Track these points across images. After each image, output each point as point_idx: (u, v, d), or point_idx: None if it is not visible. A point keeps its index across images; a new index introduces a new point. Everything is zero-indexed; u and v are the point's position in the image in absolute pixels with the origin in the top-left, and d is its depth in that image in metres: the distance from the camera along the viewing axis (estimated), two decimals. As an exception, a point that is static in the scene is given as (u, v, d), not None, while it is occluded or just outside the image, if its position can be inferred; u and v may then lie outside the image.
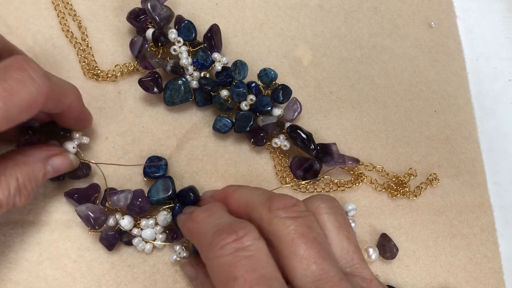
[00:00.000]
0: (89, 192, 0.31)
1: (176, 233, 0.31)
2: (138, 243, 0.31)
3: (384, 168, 0.35)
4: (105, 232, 0.31)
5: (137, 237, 0.31)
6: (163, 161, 0.32)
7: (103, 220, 0.30)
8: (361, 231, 0.34)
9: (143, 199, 0.31)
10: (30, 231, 0.31)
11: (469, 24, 0.41)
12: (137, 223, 0.31)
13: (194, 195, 0.31)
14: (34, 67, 0.24)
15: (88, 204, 0.30)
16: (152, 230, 0.31)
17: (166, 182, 0.32)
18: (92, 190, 0.31)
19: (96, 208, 0.30)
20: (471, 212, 0.36)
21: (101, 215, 0.30)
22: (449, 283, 0.34)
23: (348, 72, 0.38)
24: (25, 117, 0.24)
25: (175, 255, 0.31)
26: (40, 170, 0.28)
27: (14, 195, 0.26)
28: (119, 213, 0.31)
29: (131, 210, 0.31)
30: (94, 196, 0.31)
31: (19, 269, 0.30)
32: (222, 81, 0.34)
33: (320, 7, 0.39)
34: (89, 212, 0.30)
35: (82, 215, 0.30)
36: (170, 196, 0.31)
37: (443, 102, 0.38)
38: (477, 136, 0.38)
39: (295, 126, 0.34)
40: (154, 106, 0.35)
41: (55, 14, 0.35)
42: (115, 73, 0.35)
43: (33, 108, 0.24)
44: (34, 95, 0.24)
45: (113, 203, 0.30)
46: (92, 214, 0.30)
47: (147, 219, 0.31)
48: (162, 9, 0.33)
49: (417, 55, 0.39)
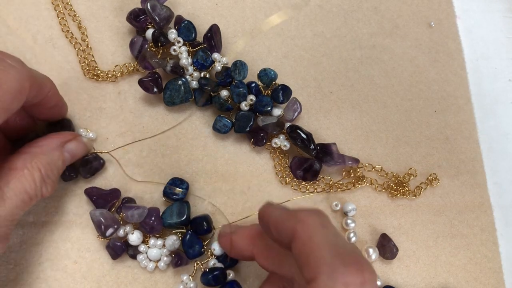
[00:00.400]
0: (109, 198, 0.31)
1: (181, 259, 0.31)
2: (142, 260, 0.31)
3: (384, 168, 0.35)
4: (113, 241, 0.31)
5: (142, 254, 0.31)
6: (185, 184, 0.32)
7: (113, 230, 0.30)
8: (361, 231, 0.34)
9: (157, 220, 0.31)
10: (30, 232, 0.31)
11: (469, 24, 0.41)
12: (146, 239, 0.31)
13: (207, 225, 0.31)
14: (10, 56, 0.24)
15: (103, 210, 0.30)
16: (158, 250, 0.31)
17: (183, 207, 0.31)
18: (112, 196, 0.31)
19: (109, 216, 0.30)
20: (471, 212, 0.36)
21: (113, 223, 0.30)
22: (449, 283, 0.34)
23: (348, 72, 0.38)
24: (16, 106, 0.24)
25: (182, 286, 0.31)
26: (58, 157, 0.28)
27: (41, 186, 0.26)
28: (130, 226, 0.31)
29: (142, 227, 0.31)
30: (113, 202, 0.31)
31: (19, 270, 0.30)
32: (222, 81, 0.34)
33: (320, 7, 0.39)
34: (102, 218, 0.30)
35: (95, 220, 0.30)
36: (183, 222, 0.31)
37: (443, 102, 0.38)
38: (477, 136, 0.38)
39: (295, 126, 0.34)
40: (154, 106, 0.35)
41: (55, 14, 0.35)
42: (115, 73, 0.35)
43: (23, 94, 0.24)
44: (20, 81, 0.24)
45: (127, 217, 0.30)
46: (104, 221, 0.30)
47: (156, 238, 0.31)
48: (162, 9, 0.33)
49: (417, 55, 0.39)
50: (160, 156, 0.34)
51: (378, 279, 0.32)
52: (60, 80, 0.34)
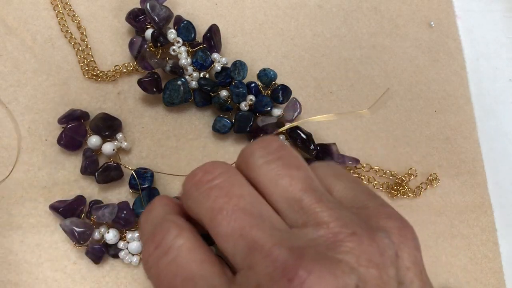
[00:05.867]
0: (74, 206, 0.31)
1: None
2: (124, 256, 0.31)
3: (384, 168, 0.35)
4: (91, 246, 0.30)
5: (123, 250, 0.31)
6: (149, 172, 0.32)
7: (88, 235, 0.30)
8: (361, 231, 0.34)
9: (128, 212, 0.31)
10: (30, 233, 0.31)
11: (469, 24, 0.41)
12: (123, 235, 0.31)
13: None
14: None
15: (72, 219, 0.30)
16: (138, 242, 0.31)
17: (152, 193, 0.31)
18: (78, 203, 0.31)
19: (80, 222, 0.30)
20: (471, 212, 0.36)
21: (86, 229, 0.30)
22: (449, 283, 0.34)
23: (348, 72, 0.38)
24: None
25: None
26: None
27: None
28: (104, 226, 0.31)
29: (116, 223, 0.31)
30: (80, 209, 0.31)
31: (19, 271, 0.30)
32: (222, 81, 0.34)
33: (319, 7, 0.39)
34: (74, 226, 0.30)
35: (67, 230, 0.30)
36: None
37: (443, 102, 0.38)
38: (477, 136, 0.38)
39: (294, 126, 0.34)
40: (153, 107, 0.35)
41: (54, 14, 0.35)
42: (115, 73, 0.35)
43: None
44: None
45: (98, 218, 0.30)
46: (77, 228, 0.30)
47: (133, 231, 0.31)
48: (161, 10, 0.33)
49: (417, 55, 0.39)
50: (160, 157, 0.34)
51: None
52: (60, 80, 0.34)
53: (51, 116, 0.33)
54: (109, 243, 0.30)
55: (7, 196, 0.32)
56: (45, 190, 0.32)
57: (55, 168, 0.32)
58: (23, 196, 0.32)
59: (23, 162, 0.32)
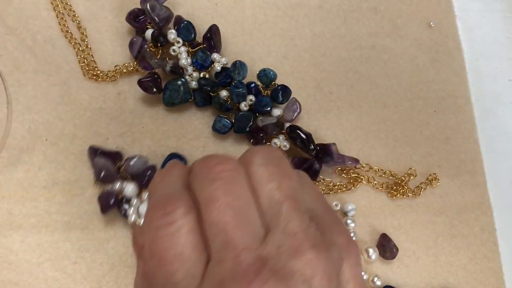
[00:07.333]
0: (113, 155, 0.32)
1: None
2: (132, 214, 0.30)
3: (383, 168, 0.35)
4: (107, 192, 0.31)
5: (133, 207, 0.31)
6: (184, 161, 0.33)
7: (112, 177, 0.31)
8: (361, 231, 0.34)
9: (153, 172, 0.31)
10: (30, 232, 0.31)
11: (469, 24, 0.41)
12: (140, 194, 0.31)
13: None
14: None
15: (107, 161, 0.31)
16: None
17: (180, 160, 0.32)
18: (116, 157, 0.32)
19: (111, 165, 0.31)
20: (471, 212, 0.36)
21: (112, 173, 0.31)
22: (449, 283, 0.34)
23: (348, 72, 0.38)
24: None
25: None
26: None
27: None
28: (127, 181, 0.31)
29: (139, 179, 0.31)
30: (115, 161, 0.32)
31: (19, 271, 0.30)
32: (222, 81, 0.34)
33: (319, 7, 0.39)
34: (103, 166, 0.31)
35: (97, 167, 0.31)
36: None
37: (443, 102, 0.38)
38: (477, 136, 0.38)
39: (294, 126, 0.34)
40: (153, 107, 0.35)
41: (54, 14, 0.35)
42: (115, 73, 0.35)
43: None
44: None
45: (128, 166, 0.31)
46: (105, 168, 0.31)
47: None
48: (162, 10, 0.33)
49: (416, 55, 0.39)
50: (160, 157, 0.34)
51: (377, 279, 0.33)
52: (60, 80, 0.34)
53: (51, 116, 0.33)
54: (126, 194, 0.31)
55: (7, 196, 0.32)
56: (45, 190, 0.32)
57: (55, 168, 0.33)
58: (23, 196, 0.32)
59: (23, 162, 0.32)
